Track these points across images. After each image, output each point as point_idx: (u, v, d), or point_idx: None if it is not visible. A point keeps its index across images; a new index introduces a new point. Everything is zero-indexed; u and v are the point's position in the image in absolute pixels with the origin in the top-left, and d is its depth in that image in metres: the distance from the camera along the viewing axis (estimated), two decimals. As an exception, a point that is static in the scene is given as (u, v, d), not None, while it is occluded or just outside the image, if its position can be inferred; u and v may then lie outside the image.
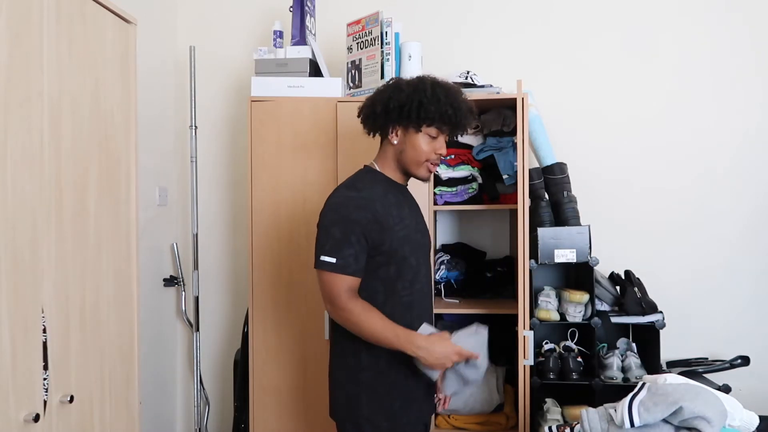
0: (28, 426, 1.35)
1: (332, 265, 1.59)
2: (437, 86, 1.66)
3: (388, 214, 1.64)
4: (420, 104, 1.62)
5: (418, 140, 1.67)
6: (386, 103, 1.66)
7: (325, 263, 1.60)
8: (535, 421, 2.24)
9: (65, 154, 1.50)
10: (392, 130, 1.69)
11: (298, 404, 2.37)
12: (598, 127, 2.75)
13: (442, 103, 1.63)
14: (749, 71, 2.68)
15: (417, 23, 2.77)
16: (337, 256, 1.59)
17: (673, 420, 1.53)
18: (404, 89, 1.65)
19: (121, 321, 1.77)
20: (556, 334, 2.46)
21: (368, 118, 1.73)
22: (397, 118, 1.66)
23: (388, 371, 1.67)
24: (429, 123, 1.65)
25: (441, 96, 1.63)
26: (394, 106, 1.65)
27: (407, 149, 1.69)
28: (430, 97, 1.63)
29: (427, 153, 1.68)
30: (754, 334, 2.66)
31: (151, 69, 2.69)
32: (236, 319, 2.93)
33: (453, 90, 1.68)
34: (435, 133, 1.67)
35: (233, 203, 2.96)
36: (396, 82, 1.70)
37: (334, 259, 1.59)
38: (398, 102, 1.64)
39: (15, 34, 1.34)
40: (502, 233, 2.81)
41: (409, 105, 1.63)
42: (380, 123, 1.70)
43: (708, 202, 2.70)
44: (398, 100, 1.64)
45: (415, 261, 1.71)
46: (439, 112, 1.63)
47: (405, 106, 1.64)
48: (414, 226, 1.74)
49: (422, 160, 1.69)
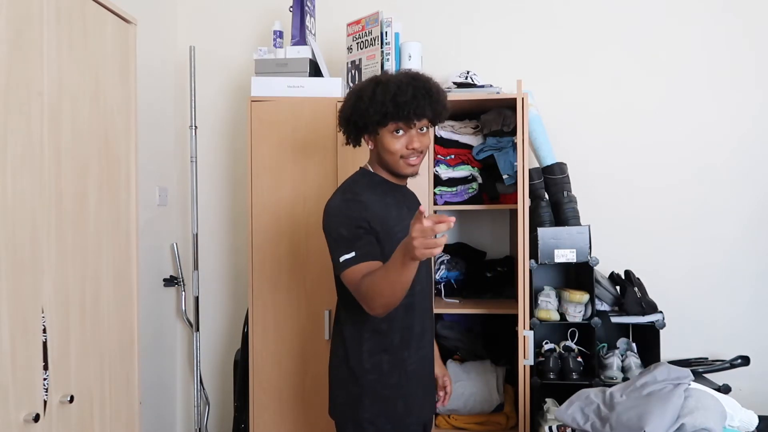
0: (28, 426, 1.35)
1: (354, 258, 1.55)
2: (380, 85, 1.62)
3: (389, 215, 1.64)
4: (362, 112, 1.62)
5: (385, 141, 1.65)
6: (346, 118, 1.69)
7: (347, 261, 1.55)
8: (535, 421, 2.24)
9: (65, 154, 1.51)
10: (364, 138, 1.71)
11: (298, 404, 2.37)
12: (598, 127, 2.75)
13: (382, 102, 1.59)
14: (748, 70, 2.68)
15: (417, 23, 2.77)
16: (355, 249, 1.56)
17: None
18: (348, 101, 1.67)
19: (121, 321, 1.77)
20: (556, 334, 2.46)
21: (344, 133, 1.74)
22: (360, 128, 1.68)
23: (391, 374, 1.66)
24: (379, 125, 1.63)
25: (379, 95, 1.60)
26: (351, 119, 1.67)
27: (381, 152, 1.68)
28: (368, 101, 1.61)
29: (398, 150, 1.65)
30: (754, 334, 2.66)
31: (151, 69, 2.69)
32: (236, 319, 2.93)
33: (398, 83, 1.61)
34: (394, 129, 1.63)
35: (233, 203, 2.96)
36: (349, 93, 1.70)
37: (352, 253, 1.56)
38: (348, 115, 1.67)
39: (15, 34, 1.34)
40: (502, 233, 2.81)
41: (356, 115, 1.65)
42: (353, 135, 1.72)
43: (708, 202, 2.70)
44: (348, 112, 1.67)
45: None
46: (381, 112, 1.60)
47: (353, 117, 1.66)
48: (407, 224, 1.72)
49: (397, 159, 1.66)
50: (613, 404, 1.70)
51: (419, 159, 1.69)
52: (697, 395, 1.64)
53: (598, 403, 1.74)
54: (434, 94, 1.64)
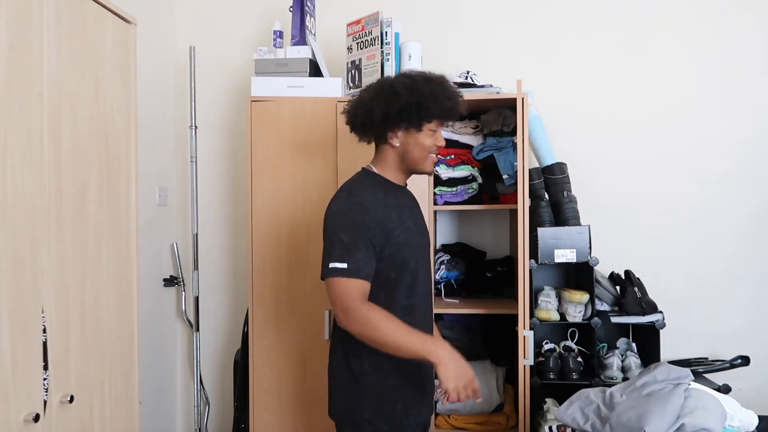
0: (28, 426, 1.35)
1: (344, 270, 1.54)
2: (431, 82, 1.65)
3: (389, 218, 1.63)
4: (419, 105, 1.61)
5: (421, 138, 1.66)
6: (385, 110, 1.63)
7: (336, 270, 1.54)
8: (535, 421, 2.24)
9: (65, 154, 1.51)
10: (392, 133, 1.67)
11: (298, 404, 2.37)
12: (598, 127, 2.75)
13: (441, 98, 1.63)
14: (752, 73, 2.68)
15: (417, 23, 2.77)
16: (348, 261, 1.54)
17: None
18: (400, 92, 1.62)
19: (121, 321, 1.77)
20: (556, 334, 2.46)
21: (365, 126, 1.69)
22: (397, 122, 1.64)
23: (390, 375, 1.66)
24: (430, 120, 1.65)
25: (437, 91, 1.63)
26: (394, 111, 1.62)
27: (411, 149, 1.67)
28: (428, 95, 1.62)
29: (430, 147, 1.68)
30: (754, 334, 2.66)
31: (151, 69, 2.69)
32: (236, 319, 2.93)
33: (443, 81, 1.68)
34: (435, 127, 1.68)
35: (233, 203, 2.96)
36: (390, 86, 1.66)
37: (345, 264, 1.54)
38: (398, 107, 1.62)
39: (15, 34, 1.34)
40: (502, 233, 2.81)
41: (408, 108, 1.62)
42: (380, 129, 1.68)
43: (708, 202, 2.70)
44: (397, 105, 1.62)
45: (414, 264, 1.69)
46: (440, 107, 1.64)
47: (405, 110, 1.62)
48: (413, 228, 1.72)
49: (427, 155, 1.69)
50: (613, 404, 1.70)
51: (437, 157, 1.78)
52: (697, 395, 1.64)
53: (598, 403, 1.75)
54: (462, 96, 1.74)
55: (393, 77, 1.70)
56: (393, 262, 1.63)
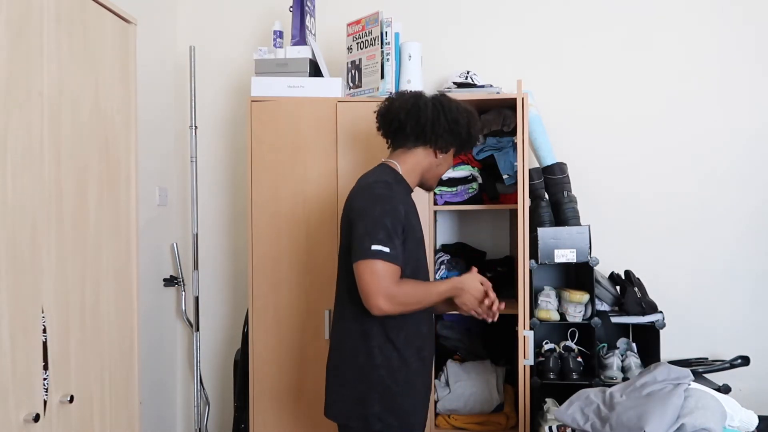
0: (28, 426, 1.35)
1: (387, 254, 1.58)
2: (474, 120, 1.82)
3: (413, 214, 1.74)
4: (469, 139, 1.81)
5: (447, 162, 1.85)
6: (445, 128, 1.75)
7: (379, 252, 1.57)
8: (535, 421, 2.24)
9: (65, 154, 1.50)
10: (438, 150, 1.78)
11: (298, 404, 2.37)
12: (598, 127, 2.75)
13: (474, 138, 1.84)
14: (751, 72, 2.68)
15: (417, 23, 2.77)
16: (390, 247, 1.58)
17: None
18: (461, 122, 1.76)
19: (121, 321, 1.77)
20: (556, 334, 2.46)
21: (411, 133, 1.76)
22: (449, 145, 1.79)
23: (400, 370, 1.68)
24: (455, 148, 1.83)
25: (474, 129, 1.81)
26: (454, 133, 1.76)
27: (443, 166, 1.84)
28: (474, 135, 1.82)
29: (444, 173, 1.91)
30: (754, 334, 2.66)
31: (151, 69, 2.69)
32: (236, 319, 2.93)
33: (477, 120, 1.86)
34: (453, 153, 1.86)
35: (233, 203, 2.96)
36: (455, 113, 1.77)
37: (387, 248, 1.58)
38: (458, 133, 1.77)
39: (15, 34, 1.34)
40: (502, 233, 2.81)
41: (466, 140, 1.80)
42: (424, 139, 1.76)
43: (708, 202, 2.70)
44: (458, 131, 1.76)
45: (424, 260, 1.82)
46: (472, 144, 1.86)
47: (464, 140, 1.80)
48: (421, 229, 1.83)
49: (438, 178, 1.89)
50: (613, 404, 1.70)
51: None
52: (697, 395, 1.64)
53: (598, 403, 1.74)
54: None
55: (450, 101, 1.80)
56: (410, 257, 1.69)
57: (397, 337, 1.68)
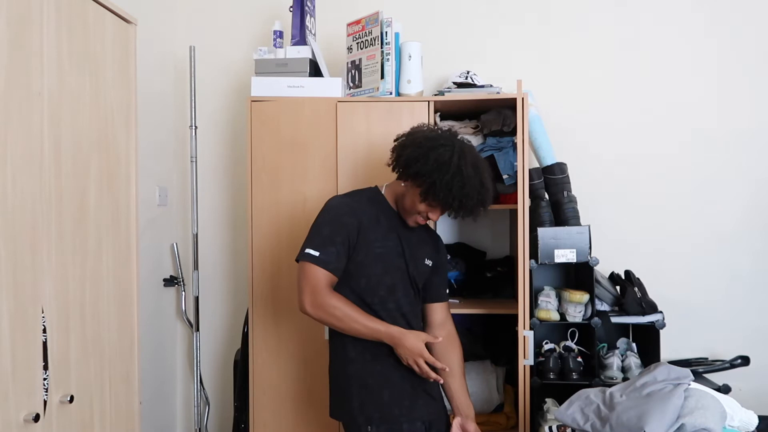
0: (28, 426, 1.35)
1: (315, 258, 1.69)
2: (459, 174, 1.67)
3: (372, 230, 1.75)
4: (432, 184, 1.67)
5: (417, 202, 1.74)
6: (409, 160, 1.72)
7: (308, 255, 1.69)
8: (535, 421, 2.24)
9: (65, 154, 1.51)
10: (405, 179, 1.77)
11: (298, 404, 2.37)
12: (598, 127, 2.75)
13: (451, 195, 1.68)
14: (751, 73, 2.68)
15: (417, 23, 2.76)
16: (321, 251, 1.69)
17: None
18: (429, 160, 1.68)
19: (121, 321, 1.77)
20: (556, 334, 2.46)
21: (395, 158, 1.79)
22: (412, 177, 1.73)
23: (374, 362, 1.74)
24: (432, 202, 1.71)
25: (455, 186, 1.67)
26: (415, 168, 1.70)
27: (407, 199, 1.77)
28: (445, 182, 1.66)
29: (421, 212, 1.77)
30: (754, 335, 2.66)
31: (151, 69, 2.69)
32: (236, 319, 2.93)
33: (472, 180, 1.69)
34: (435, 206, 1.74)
35: (233, 203, 2.95)
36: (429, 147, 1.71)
37: (318, 252, 1.69)
38: (417, 168, 1.70)
39: (15, 34, 1.34)
40: (502, 233, 2.81)
41: (423, 178, 1.69)
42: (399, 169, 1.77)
43: (709, 202, 2.70)
44: (419, 167, 1.69)
45: (390, 280, 1.78)
46: (445, 201, 1.69)
47: (420, 176, 1.69)
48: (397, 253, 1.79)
49: (413, 214, 1.78)
50: (613, 404, 1.70)
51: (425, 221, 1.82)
52: (697, 395, 1.64)
53: (598, 403, 1.75)
54: (487, 205, 1.77)
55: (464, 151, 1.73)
56: (363, 270, 1.74)
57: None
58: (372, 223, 1.76)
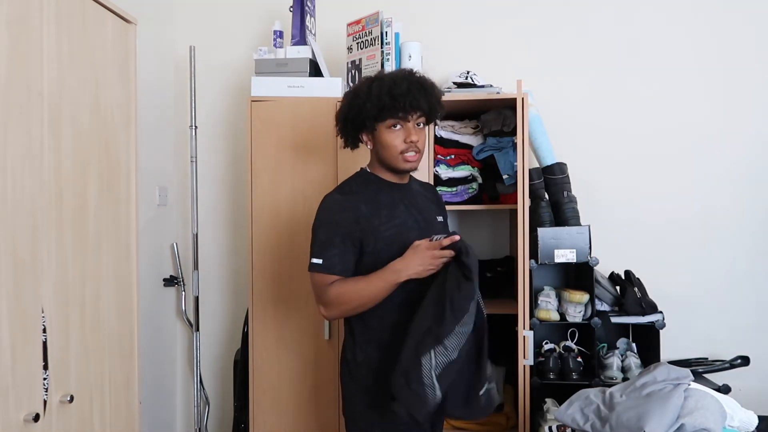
0: (28, 426, 1.35)
1: (319, 266, 1.66)
2: (375, 81, 1.67)
3: (375, 214, 1.68)
4: (359, 108, 1.67)
5: (383, 137, 1.68)
6: (344, 117, 1.73)
7: (313, 265, 1.67)
8: (535, 421, 2.24)
9: (65, 153, 1.51)
10: (362, 137, 1.75)
11: (298, 404, 2.37)
12: (598, 127, 2.75)
13: (378, 96, 1.63)
14: (756, 76, 2.68)
15: (417, 23, 2.76)
16: (323, 258, 1.66)
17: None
18: (345, 101, 1.72)
19: (121, 321, 1.77)
20: (556, 334, 2.46)
21: (342, 134, 1.78)
22: (358, 126, 1.71)
23: (379, 367, 1.70)
24: (377, 120, 1.67)
25: (375, 90, 1.64)
26: (348, 117, 1.71)
27: (380, 149, 1.71)
28: (365, 96, 1.66)
29: (397, 146, 1.68)
30: (754, 334, 2.66)
31: (151, 69, 2.69)
32: (236, 319, 2.93)
33: (393, 78, 1.66)
34: (392, 124, 1.67)
35: (233, 203, 2.96)
36: (345, 93, 1.76)
37: (320, 260, 1.66)
38: (346, 114, 1.71)
39: (15, 34, 1.34)
40: (502, 233, 2.81)
41: (353, 112, 1.69)
42: (351, 135, 1.76)
43: (708, 201, 2.70)
44: (345, 111, 1.72)
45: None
46: (378, 106, 1.64)
47: (350, 115, 1.70)
48: (410, 224, 1.72)
49: (396, 154, 1.69)
50: (613, 404, 1.70)
51: (417, 156, 1.72)
52: (697, 395, 1.64)
53: (597, 404, 1.75)
54: (428, 88, 1.70)
55: (358, 81, 1.77)
56: (379, 258, 1.67)
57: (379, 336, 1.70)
58: (376, 207, 1.69)
